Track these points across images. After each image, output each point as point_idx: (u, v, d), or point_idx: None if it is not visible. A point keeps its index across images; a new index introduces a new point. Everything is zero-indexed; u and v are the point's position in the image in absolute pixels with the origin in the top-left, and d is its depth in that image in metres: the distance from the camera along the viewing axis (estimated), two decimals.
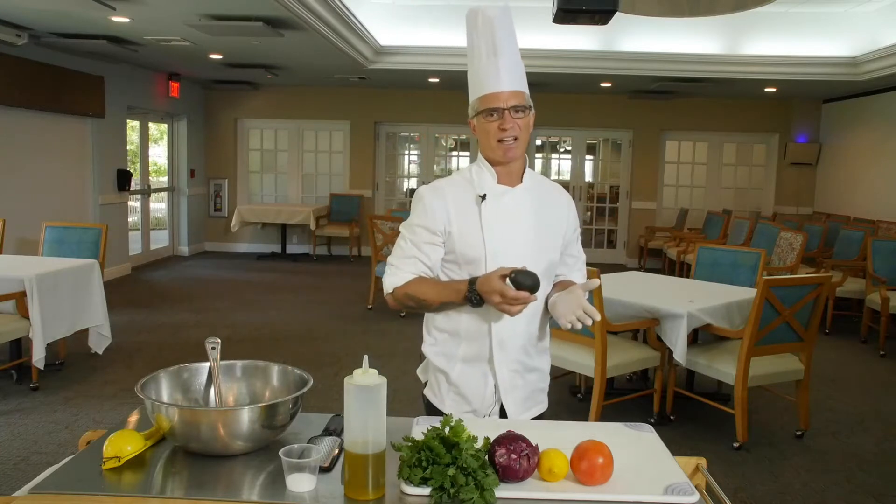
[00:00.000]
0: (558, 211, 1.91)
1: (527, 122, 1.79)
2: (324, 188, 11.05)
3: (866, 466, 3.63)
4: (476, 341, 1.84)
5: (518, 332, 1.84)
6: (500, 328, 1.81)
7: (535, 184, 1.89)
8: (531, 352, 1.89)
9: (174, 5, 5.35)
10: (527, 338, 1.86)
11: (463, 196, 1.82)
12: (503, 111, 1.75)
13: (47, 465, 1.38)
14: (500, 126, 1.75)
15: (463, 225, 1.80)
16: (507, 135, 1.75)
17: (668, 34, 7.60)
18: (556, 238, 1.89)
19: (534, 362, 1.91)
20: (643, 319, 3.94)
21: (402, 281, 1.82)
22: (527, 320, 1.83)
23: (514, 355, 1.85)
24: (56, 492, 1.19)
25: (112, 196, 8.36)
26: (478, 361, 1.85)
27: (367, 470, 1.18)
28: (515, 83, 1.77)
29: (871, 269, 6.10)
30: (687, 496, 1.19)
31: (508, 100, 1.75)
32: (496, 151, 1.78)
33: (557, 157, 11.29)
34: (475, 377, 1.85)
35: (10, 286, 4.20)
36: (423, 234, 1.81)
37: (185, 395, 1.50)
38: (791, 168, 10.57)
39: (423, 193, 1.84)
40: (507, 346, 1.83)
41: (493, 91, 1.76)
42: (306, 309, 7.00)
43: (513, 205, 1.82)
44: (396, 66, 8.12)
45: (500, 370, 1.84)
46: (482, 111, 1.77)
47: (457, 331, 1.85)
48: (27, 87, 6.74)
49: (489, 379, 1.84)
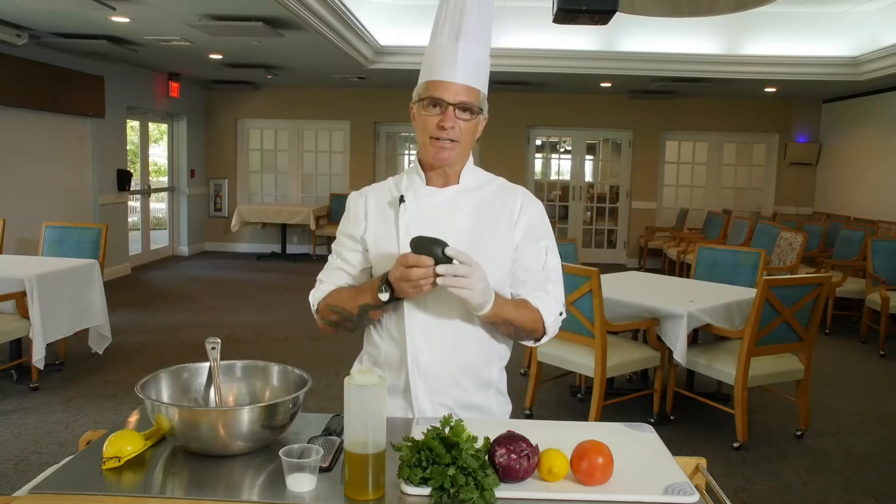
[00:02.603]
0: (505, 215, 1.60)
1: (473, 126, 1.55)
2: (324, 188, 11.05)
3: (866, 466, 3.63)
4: (394, 369, 1.59)
5: (441, 359, 1.56)
6: (418, 353, 1.55)
7: (477, 184, 1.62)
8: (466, 385, 1.59)
9: (174, 5, 5.35)
10: (457, 367, 1.57)
11: (385, 200, 1.62)
12: (447, 105, 1.50)
13: (47, 465, 1.38)
14: (440, 122, 1.51)
15: (379, 231, 1.58)
16: (444, 134, 1.51)
17: (668, 34, 7.60)
18: (501, 247, 1.58)
19: (471, 398, 1.61)
20: (643, 319, 3.94)
21: (323, 294, 1.63)
22: (454, 345, 1.56)
23: (442, 388, 1.57)
24: (56, 492, 1.19)
25: (112, 196, 8.36)
26: (395, 394, 1.59)
27: (367, 470, 1.18)
28: (471, 78, 1.52)
29: (871, 269, 6.10)
30: (687, 496, 1.19)
31: (458, 94, 1.50)
32: (427, 149, 1.54)
33: (557, 157, 11.29)
34: (394, 413, 1.58)
35: (10, 286, 4.20)
36: (346, 242, 1.65)
37: (185, 395, 1.50)
38: (791, 168, 10.57)
39: (348, 198, 1.68)
40: (429, 375, 1.56)
41: (442, 79, 1.51)
42: (306, 309, 6.96)
43: (438, 208, 1.57)
44: (396, 66, 8.11)
45: (422, 405, 1.57)
46: (425, 98, 1.53)
47: (377, 357, 1.64)
48: (27, 87, 6.74)
49: (408, 414, 1.58)
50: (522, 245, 1.60)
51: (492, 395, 1.65)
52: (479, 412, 1.62)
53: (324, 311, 1.63)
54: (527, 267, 1.60)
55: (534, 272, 1.60)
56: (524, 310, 1.56)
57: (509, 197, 1.62)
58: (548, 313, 1.58)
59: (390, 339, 1.60)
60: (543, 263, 1.61)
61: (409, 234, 1.49)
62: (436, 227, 1.51)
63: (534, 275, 1.60)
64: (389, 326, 1.61)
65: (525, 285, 1.60)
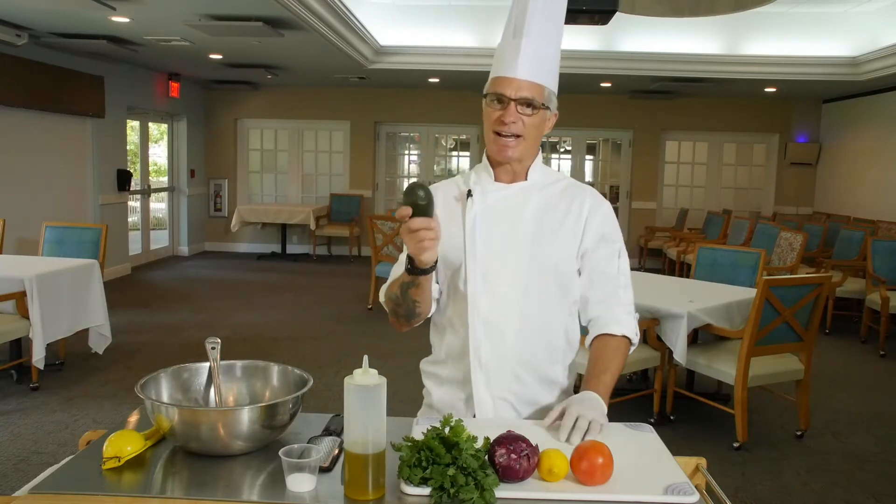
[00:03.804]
0: (572, 215, 1.60)
1: (538, 121, 1.56)
2: (324, 188, 11.05)
3: (866, 466, 3.63)
4: (456, 361, 1.61)
5: (502, 352, 1.57)
6: (478, 344, 1.56)
7: (545, 182, 1.64)
8: (528, 381, 1.59)
9: (174, 5, 5.35)
10: (518, 361, 1.58)
11: (452, 195, 1.65)
12: (509, 101, 1.52)
13: (47, 465, 1.38)
14: (501, 117, 1.53)
15: (448, 225, 1.57)
16: (505, 129, 1.53)
17: (668, 34, 7.60)
18: (564, 246, 1.59)
19: (533, 394, 1.60)
20: (643, 319, 3.93)
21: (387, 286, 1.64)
22: (515, 339, 1.57)
23: (502, 382, 1.58)
24: (56, 492, 1.19)
25: (112, 196, 8.36)
26: (456, 385, 1.62)
27: (367, 470, 1.18)
28: (534, 73, 1.53)
29: (871, 269, 6.10)
30: (687, 496, 1.19)
31: (519, 89, 1.52)
32: (491, 145, 1.58)
33: (557, 157, 11.30)
34: (454, 404, 1.61)
35: (10, 286, 4.20)
36: None
37: (185, 395, 1.50)
38: (791, 168, 10.57)
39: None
40: (490, 369, 1.57)
41: (505, 75, 1.53)
42: (306, 309, 7.00)
43: (505, 204, 1.60)
44: (396, 66, 8.12)
45: (482, 399, 1.57)
46: (489, 94, 1.56)
47: (441, 348, 1.66)
48: (27, 87, 6.74)
49: (468, 407, 1.59)
50: (596, 249, 1.61)
51: (556, 394, 1.64)
52: (539, 410, 1.60)
53: (385, 301, 1.64)
54: (602, 271, 1.61)
55: (609, 276, 1.62)
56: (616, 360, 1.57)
57: (577, 197, 1.63)
58: (629, 331, 1.62)
59: (453, 331, 1.61)
60: (617, 267, 1.63)
61: (476, 228, 1.54)
62: (501, 222, 1.57)
63: (608, 280, 1.62)
64: (453, 318, 1.62)
65: (598, 290, 1.62)
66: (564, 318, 1.64)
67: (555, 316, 1.62)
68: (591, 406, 1.43)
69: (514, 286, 1.57)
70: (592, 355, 1.60)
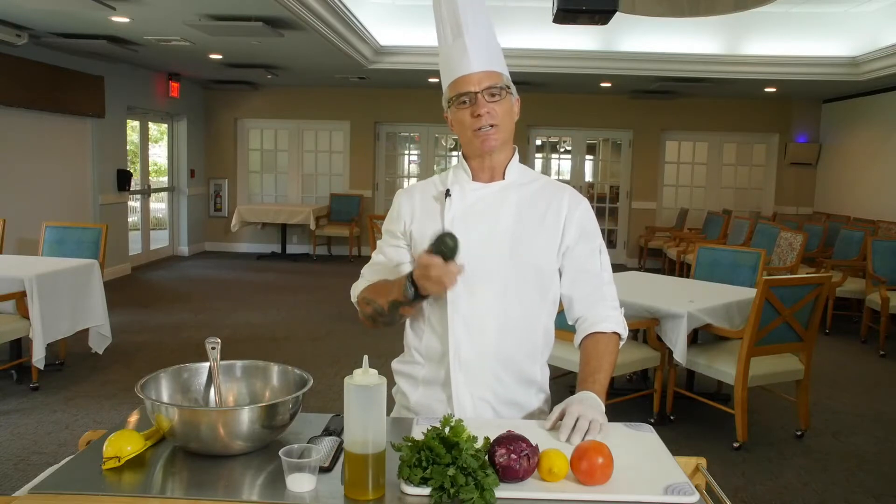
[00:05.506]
0: (551, 213, 1.62)
1: (507, 106, 1.57)
2: (324, 188, 11.05)
3: (866, 466, 3.63)
4: (435, 362, 1.62)
5: (482, 351, 1.58)
6: (459, 345, 1.57)
7: (524, 180, 1.64)
8: (507, 380, 1.60)
9: (174, 5, 5.36)
10: (498, 361, 1.58)
11: (430, 195, 1.65)
12: (475, 95, 1.53)
13: (47, 465, 1.38)
14: (473, 112, 1.53)
15: (425, 226, 1.59)
16: (482, 121, 1.53)
17: (668, 34, 7.60)
18: (543, 244, 1.60)
19: (512, 394, 1.61)
20: (643, 319, 3.94)
21: (362, 286, 1.65)
22: (496, 339, 1.57)
23: (482, 382, 1.59)
24: (56, 492, 1.19)
25: (112, 196, 8.36)
26: (435, 386, 1.62)
27: (367, 470, 1.18)
28: (486, 62, 1.55)
29: (871, 269, 6.10)
30: (687, 496, 1.19)
31: (481, 81, 1.53)
32: (473, 143, 1.57)
33: (557, 157, 11.29)
34: (434, 405, 1.61)
35: (10, 286, 4.20)
36: (388, 238, 1.68)
37: (185, 395, 1.50)
38: (791, 168, 10.57)
39: (395, 195, 1.72)
40: (471, 369, 1.58)
41: (461, 74, 1.55)
42: (306, 309, 7.00)
43: (484, 203, 1.60)
44: (396, 66, 8.12)
45: (461, 398, 1.58)
46: (453, 98, 1.56)
47: (419, 349, 1.66)
48: (27, 87, 6.74)
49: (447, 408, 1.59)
50: (577, 247, 1.62)
51: (534, 393, 1.66)
52: (520, 410, 1.63)
53: (361, 302, 1.64)
54: (584, 268, 1.63)
55: (592, 273, 1.63)
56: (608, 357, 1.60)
57: (556, 195, 1.64)
58: (618, 326, 1.64)
59: (432, 331, 1.62)
60: (599, 263, 1.65)
61: (454, 227, 1.54)
62: (480, 221, 1.57)
63: (591, 277, 1.63)
64: (432, 319, 1.63)
65: (582, 288, 1.63)
66: (543, 318, 1.65)
67: (534, 315, 1.63)
68: (590, 406, 1.44)
69: (493, 285, 1.58)
70: (584, 355, 1.62)
